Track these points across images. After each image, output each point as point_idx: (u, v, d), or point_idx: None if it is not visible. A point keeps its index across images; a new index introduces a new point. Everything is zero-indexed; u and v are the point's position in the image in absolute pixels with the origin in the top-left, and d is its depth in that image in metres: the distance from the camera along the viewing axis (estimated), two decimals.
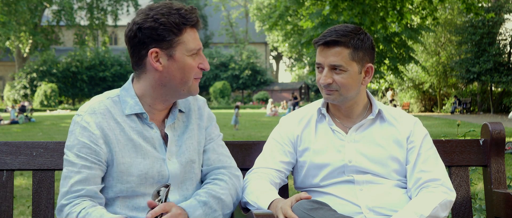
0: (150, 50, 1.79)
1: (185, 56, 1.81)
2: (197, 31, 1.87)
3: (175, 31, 1.78)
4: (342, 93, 2.05)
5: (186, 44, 1.80)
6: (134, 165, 1.82)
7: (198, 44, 1.84)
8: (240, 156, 2.26)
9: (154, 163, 1.85)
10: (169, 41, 1.79)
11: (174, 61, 1.80)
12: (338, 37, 2.01)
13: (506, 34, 28.42)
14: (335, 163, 2.05)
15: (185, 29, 1.80)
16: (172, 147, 1.90)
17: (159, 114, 1.92)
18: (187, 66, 1.81)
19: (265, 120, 24.72)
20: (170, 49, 1.79)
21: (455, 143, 2.32)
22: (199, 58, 1.85)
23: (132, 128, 1.85)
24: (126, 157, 1.82)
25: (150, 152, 1.85)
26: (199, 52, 1.86)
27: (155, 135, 1.88)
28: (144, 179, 1.83)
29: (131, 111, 1.86)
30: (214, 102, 41.74)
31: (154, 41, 1.78)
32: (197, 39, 1.85)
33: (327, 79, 2.03)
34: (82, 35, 41.72)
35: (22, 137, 16.26)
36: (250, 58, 47.21)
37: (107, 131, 1.82)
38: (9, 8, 32.91)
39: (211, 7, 56.34)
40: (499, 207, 2.16)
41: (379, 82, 25.76)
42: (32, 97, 40.48)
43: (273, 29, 30.36)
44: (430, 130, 16.34)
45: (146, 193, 1.84)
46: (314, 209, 1.77)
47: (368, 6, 13.73)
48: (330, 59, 2.02)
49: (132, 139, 1.84)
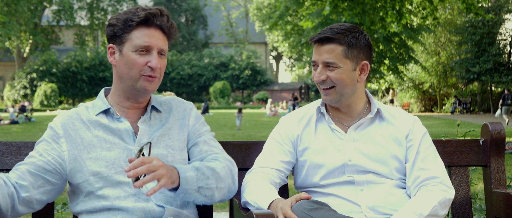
0: (109, 45, 1.95)
1: (130, 52, 1.88)
2: (158, 31, 1.90)
3: (124, 29, 1.88)
4: (338, 90, 2.05)
5: (133, 41, 1.88)
6: (101, 157, 1.88)
7: (146, 42, 1.87)
8: (240, 156, 2.26)
9: (121, 153, 1.90)
10: (120, 37, 1.90)
11: (123, 57, 1.90)
12: (332, 34, 2.03)
13: (506, 34, 28.43)
14: (335, 162, 2.05)
15: (136, 27, 1.88)
16: (142, 139, 1.93)
17: (131, 112, 1.98)
18: (131, 61, 1.88)
19: (265, 120, 24.74)
20: (121, 45, 1.90)
21: (455, 143, 2.32)
22: (149, 56, 1.89)
23: (99, 124, 1.93)
24: (92, 152, 1.89)
25: (116, 144, 1.91)
26: (150, 51, 1.89)
27: (123, 127, 1.93)
28: (114, 167, 1.88)
29: (98, 110, 1.96)
30: (214, 102, 41.75)
31: (111, 37, 1.92)
32: (148, 37, 1.88)
33: (321, 76, 2.05)
34: (82, 35, 41.76)
35: (22, 137, 16.27)
36: (250, 58, 47.22)
37: (70, 131, 1.92)
38: (9, 8, 32.94)
39: (211, 7, 56.35)
40: (499, 207, 2.16)
41: (379, 82, 25.77)
42: (32, 97, 40.49)
43: (273, 29, 30.36)
44: (430, 130, 16.35)
45: (123, 182, 1.86)
46: (313, 209, 1.77)
47: (368, 6, 13.74)
48: (323, 56, 2.04)
49: (96, 135, 1.91)
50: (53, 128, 1.94)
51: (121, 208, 1.85)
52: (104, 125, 1.93)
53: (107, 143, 1.90)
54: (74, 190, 1.96)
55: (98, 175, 1.87)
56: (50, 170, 1.89)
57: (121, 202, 1.86)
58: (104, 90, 2.04)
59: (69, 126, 1.93)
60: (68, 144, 1.91)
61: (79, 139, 1.91)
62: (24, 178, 1.85)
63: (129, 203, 1.86)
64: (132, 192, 1.87)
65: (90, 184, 1.87)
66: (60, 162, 1.90)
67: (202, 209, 2.20)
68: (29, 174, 1.86)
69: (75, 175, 1.89)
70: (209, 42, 55.72)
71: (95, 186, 1.87)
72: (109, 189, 1.87)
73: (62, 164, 1.90)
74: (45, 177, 1.88)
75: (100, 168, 1.87)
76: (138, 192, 1.86)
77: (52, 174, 1.89)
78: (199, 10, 54.70)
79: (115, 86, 1.98)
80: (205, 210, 2.21)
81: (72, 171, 1.90)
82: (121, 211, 1.86)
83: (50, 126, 1.96)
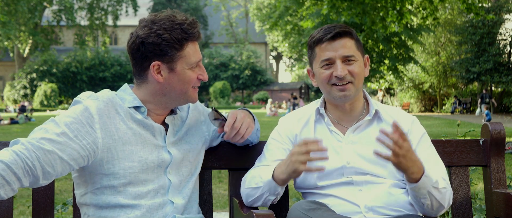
0: (152, 63, 1.86)
1: (185, 70, 1.90)
2: (197, 44, 1.94)
3: (177, 47, 1.85)
4: (356, 85, 2.05)
5: (187, 58, 1.88)
6: (135, 152, 1.87)
7: (198, 57, 1.93)
8: (240, 156, 2.26)
9: (153, 150, 1.91)
10: (171, 56, 1.86)
11: (175, 74, 1.88)
12: (344, 28, 2.05)
13: (506, 34, 28.43)
14: (333, 164, 2.04)
15: (187, 44, 1.88)
16: (170, 137, 1.98)
17: (158, 117, 1.99)
18: (187, 78, 1.90)
19: (265, 120, 24.73)
20: (172, 63, 1.87)
21: (455, 143, 2.31)
22: (198, 69, 1.94)
23: (132, 117, 1.90)
24: (126, 144, 1.86)
25: (149, 140, 1.91)
26: (199, 64, 1.94)
27: (156, 124, 1.94)
28: (145, 164, 1.88)
29: (130, 104, 1.91)
30: (214, 103, 41.74)
31: (156, 55, 1.85)
32: (198, 51, 1.94)
33: (344, 71, 2.02)
34: (82, 35, 41.75)
35: (22, 137, 16.22)
36: (250, 58, 47.22)
37: (105, 118, 1.83)
38: (9, 8, 32.93)
39: (211, 7, 56.36)
40: (499, 207, 2.16)
41: (379, 82, 25.76)
42: (32, 97, 40.51)
43: (273, 29, 30.37)
44: (430, 130, 16.36)
45: (148, 179, 1.90)
46: (312, 210, 1.77)
47: (368, 6, 13.73)
48: (341, 51, 2.03)
49: (131, 127, 1.88)
50: (89, 110, 1.80)
51: (134, 205, 1.86)
52: (138, 119, 1.91)
53: (141, 137, 1.90)
54: (86, 179, 1.88)
55: (129, 169, 1.85)
56: (83, 156, 1.77)
57: (139, 201, 1.87)
58: (128, 86, 1.98)
59: (104, 113, 1.83)
60: (103, 131, 1.81)
61: (115, 128, 1.84)
62: (53, 165, 1.72)
63: (147, 201, 1.88)
64: (152, 188, 1.89)
65: (117, 178, 1.85)
66: (94, 149, 1.80)
67: (202, 209, 2.20)
68: (60, 161, 1.73)
69: (103, 165, 1.84)
70: (209, 42, 55.71)
71: (121, 180, 1.85)
72: (132, 186, 1.87)
73: (96, 151, 1.81)
74: (71, 163, 1.76)
75: (132, 163, 1.86)
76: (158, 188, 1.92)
77: (82, 160, 1.78)
78: (199, 10, 54.71)
79: (153, 97, 1.92)
80: (205, 211, 2.22)
81: (102, 161, 1.83)
82: (134, 209, 1.86)
83: (86, 107, 1.81)
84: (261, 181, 1.98)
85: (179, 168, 1.99)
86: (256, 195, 2.00)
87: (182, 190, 1.99)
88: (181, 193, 1.99)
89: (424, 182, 1.88)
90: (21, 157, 1.67)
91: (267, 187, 1.97)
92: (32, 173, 1.69)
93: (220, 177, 7.42)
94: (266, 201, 2.01)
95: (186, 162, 2.02)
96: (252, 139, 2.20)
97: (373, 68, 22.15)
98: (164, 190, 1.93)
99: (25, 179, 1.68)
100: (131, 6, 41.83)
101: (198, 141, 2.08)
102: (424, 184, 1.88)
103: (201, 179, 2.23)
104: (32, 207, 2.13)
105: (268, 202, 2.03)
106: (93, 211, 1.89)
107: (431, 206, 1.93)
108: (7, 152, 1.67)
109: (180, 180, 1.99)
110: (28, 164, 1.67)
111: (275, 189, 1.97)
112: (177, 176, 1.98)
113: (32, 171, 1.68)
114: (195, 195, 2.08)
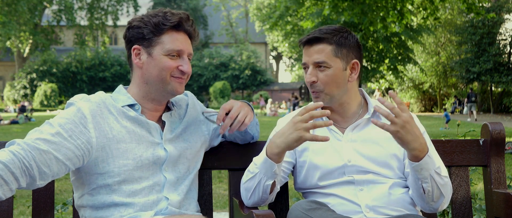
0: (133, 46, 1.95)
1: (161, 56, 1.92)
2: (186, 36, 1.97)
3: (155, 31, 1.91)
4: (328, 93, 2.05)
5: (165, 45, 1.92)
6: (129, 150, 1.88)
7: (178, 46, 1.93)
8: (240, 156, 2.26)
9: (148, 147, 1.92)
10: (149, 40, 1.92)
11: (152, 59, 1.93)
12: (321, 34, 2.04)
13: (506, 34, 28.42)
14: (334, 163, 2.05)
15: (166, 31, 1.92)
16: (167, 134, 1.99)
17: (152, 114, 2.00)
18: (162, 64, 1.92)
19: (265, 120, 24.73)
20: (150, 48, 1.93)
21: (455, 143, 2.31)
22: (180, 60, 1.95)
23: (126, 116, 1.92)
24: (121, 142, 1.87)
25: (144, 137, 1.92)
26: (182, 56, 1.95)
27: (151, 121, 1.95)
28: (140, 161, 1.89)
29: (123, 103, 1.94)
30: (214, 103, 41.73)
31: (137, 39, 1.94)
32: (179, 41, 1.94)
33: (312, 77, 2.04)
34: (82, 35, 41.73)
35: (22, 137, 16.23)
36: (250, 58, 47.20)
37: (99, 118, 1.86)
38: (9, 8, 32.92)
39: (211, 7, 56.33)
40: (499, 207, 2.16)
41: (379, 82, 25.76)
42: (32, 97, 40.49)
43: (273, 29, 30.34)
44: (430, 129, 16.37)
45: (142, 176, 1.90)
46: (312, 209, 1.77)
47: (368, 6, 13.73)
48: (313, 57, 2.04)
49: (125, 126, 1.90)
50: (82, 111, 1.84)
51: (128, 204, 1.86)
52: (132, 117, 1.92)
53: (136, 135, 1.90)
54: (83, 180, 1.90)
55: (123, 167, 1.86)
56: (78, 155, 1.79)
57: (133, 199, 1.87)
58: (123, 87, 2.03)
59: (97, 113, 1.86)
60: (96, 130, 1.83)
61: (108, 127, 1.86)
62: (49, 165, 1.73)
63: (140, 198, 1.88)
64: (146, 185, 1.89)
65: (111, 176, 1.85)
66: (89, 148, 1.82)
67: (202, 209, 2.20)
68: (55, 161, 1.74)
69: (98, 164, 1.85)
70: (209, 42, 55.68)
71: (116, 179, 1.85)
72: (127, 184, 1.87)
73: (90, 150, 1.83)
74: (67, 163, 1.77)
75: (127, 161, 1.86)
76: (152, 185, 1.91)
77: (78, 160, 1.80)
78: (199, 10, 54.70)
79: (139, 87, 1.97)
80: (205, 211, 2.22)
81: (97, 160, 1.84)
82: (127, 207, 1.86)
83: (78, 108, 1.84)
84: (256, 167, 1.96)
85: (176, 165, 1.99)
86: (254, 185, 1.97)
87: (178, 187, 1.99)
88: (177, 190, 1.98)
89: (426, 162, 1.84)
90: (18, 156, 1.68)
91: (263, 170, 1.93)
92: (29, 173, 1.70)
93: (220, 177, 7.42)
94: (266, 188, 1.96)
95: (183, 159, 2.02)
96: (253, 132, 2.19)
97: (373, 68, 22.15)
98: (159, 187, 1.93)
99: (22, 179, 1.69)
100: (132, 6, 41.84)
101: (197, 139, 2.08)
102: (427, 165, 1.84)
103: (201, 179, 2.22)
104: (32, 207, 2.13)
105: (267, 190, 1.97)
106: (90, 213, 1.90)
107: (432, 194, 1.89)
108: (4, 152, 1.68)
109: (176, 177, 1.98)
110: (25, 163, 1.68)
111: (271, 167, 1.92)
112: (173, 173, 1.98)
113: (28, 171, 1.69)
114: (193, 193, 2.06)
